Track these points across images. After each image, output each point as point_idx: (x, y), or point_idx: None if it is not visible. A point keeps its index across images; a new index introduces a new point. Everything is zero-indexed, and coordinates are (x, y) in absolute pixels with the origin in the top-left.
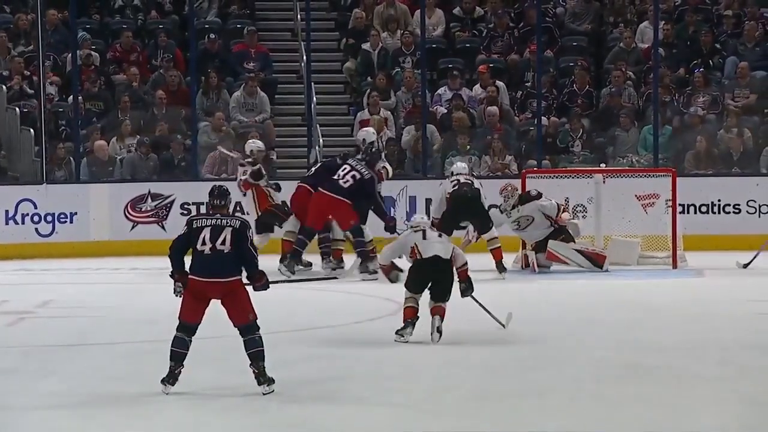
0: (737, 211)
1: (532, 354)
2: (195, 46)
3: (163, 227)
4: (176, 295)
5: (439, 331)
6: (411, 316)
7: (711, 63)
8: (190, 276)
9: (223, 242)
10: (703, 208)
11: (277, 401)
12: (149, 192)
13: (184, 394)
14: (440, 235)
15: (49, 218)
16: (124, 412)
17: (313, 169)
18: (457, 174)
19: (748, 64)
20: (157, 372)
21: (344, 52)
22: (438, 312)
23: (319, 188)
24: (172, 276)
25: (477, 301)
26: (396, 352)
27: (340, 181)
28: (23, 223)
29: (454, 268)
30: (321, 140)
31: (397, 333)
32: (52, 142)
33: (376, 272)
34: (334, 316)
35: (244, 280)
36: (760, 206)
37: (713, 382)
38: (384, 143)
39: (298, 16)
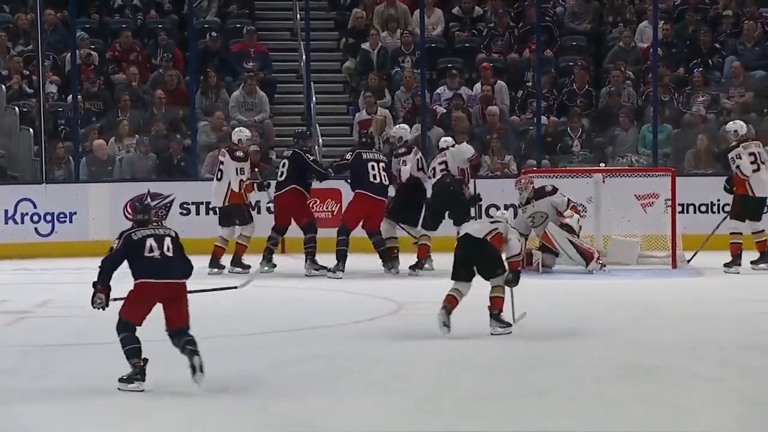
0: None
1: (532, 354)
2: (194, 46)
3: None
4: (95, 307)
5: (498, 323)
6: (446, 302)
7: (710, 62)
8: (140, 281)
9: (168, 249)
10: (703, 208)
11: (276, 401)
12: (149, 191)
13: (182, 394)
14: (496, 221)
15: (49, 218)
16: (123, 412)
17: (284, 170)
18: (441, 150)
19: (741, 64)
20: (156, 372)
21: (344, 51)
22: (493, 303)
23: (358, 191)
24: (94, 286)
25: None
26: (396, 351)
27: (384, 182)
28: (22, 222)
29: (503, 256)
30: (320, 140)
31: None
32: (52, 142)
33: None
34: (334, 315)
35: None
36: None
37: (713, 382)
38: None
39: (298, 16)
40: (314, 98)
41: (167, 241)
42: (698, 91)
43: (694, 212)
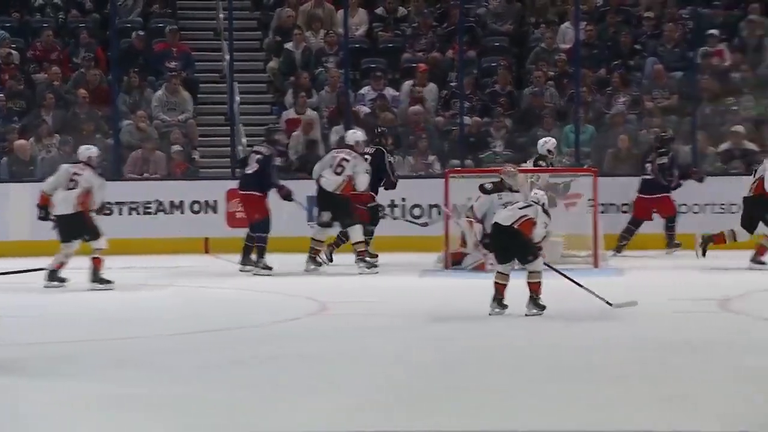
0: None
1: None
2: (116, 45)
3: None
4: None
5: (534, 306)
6: (496, 290)
7: (631, 63)
8: None
9: None
10: (625, 208)
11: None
12: None
13: (109, 396)
14: (526, 206)
15: None
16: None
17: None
18: (347, 146)
19: (663, 67)
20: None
21: (267, 51)
22: (530, 287)
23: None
24: None
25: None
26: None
27: (248, 171)
28: None
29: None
30: (244, 139)
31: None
32: None
33: (271, 268)
34: (259, 315)
35: None
36: (679, 205)
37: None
38: (304, 146)
39: (221, 15)
40: (238, 98)
41: None
42: (619, 92)
43: (616, 212)
